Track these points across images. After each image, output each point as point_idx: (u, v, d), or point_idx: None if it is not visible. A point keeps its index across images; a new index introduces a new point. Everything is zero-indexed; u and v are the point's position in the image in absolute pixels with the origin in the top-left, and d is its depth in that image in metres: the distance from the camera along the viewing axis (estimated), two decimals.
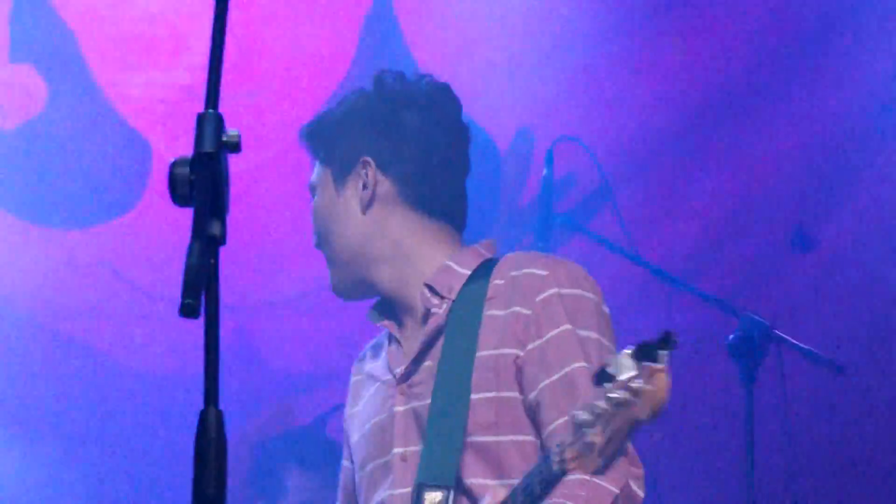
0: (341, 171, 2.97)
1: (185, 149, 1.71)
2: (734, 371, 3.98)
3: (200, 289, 1.64)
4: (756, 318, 3.95)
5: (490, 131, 5.35)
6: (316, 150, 3.04)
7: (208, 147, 1.69)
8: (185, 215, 1.67)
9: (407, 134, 2.95)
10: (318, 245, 3.02)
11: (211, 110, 1.70)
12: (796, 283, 5.32)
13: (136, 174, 5.27)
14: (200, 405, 1.66)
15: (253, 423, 5.34)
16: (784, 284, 5.35)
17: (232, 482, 1.68)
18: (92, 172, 5.27)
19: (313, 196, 3.03)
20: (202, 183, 1.68)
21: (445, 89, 3.02)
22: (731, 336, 3.98)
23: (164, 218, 4.85)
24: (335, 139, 2.99)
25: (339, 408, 3.15)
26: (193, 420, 1.65)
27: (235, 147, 1.71)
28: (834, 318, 5.08)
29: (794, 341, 3.98)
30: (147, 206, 5.23)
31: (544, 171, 4.36)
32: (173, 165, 1.71)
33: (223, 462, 1.65)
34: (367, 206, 2.94)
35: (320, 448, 4.93)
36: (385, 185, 2.94)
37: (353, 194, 2.96)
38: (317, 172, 3.03)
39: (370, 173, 2.94)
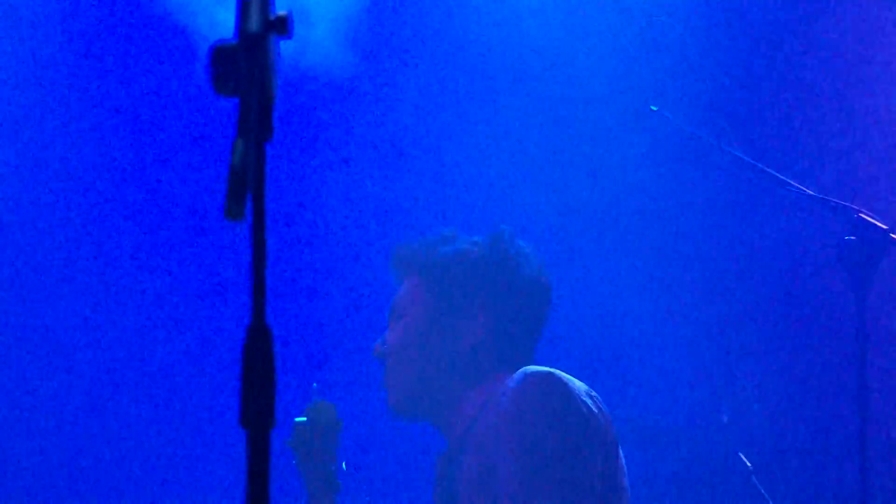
0: (449, 311, 3.30)
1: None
2: (846, 278, 3.84)
3: (245, 190, 1.54)
4: (872, 220, 3.80)
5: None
6: (414, 278, 3.35)
7: (253, 28, 1.56)
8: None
9: (513, 296, 3.29)
10: (380, 357, 3.35)
11: None
12: None
13: None
14: None
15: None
16: None
17: None
18: None
19: (400, 314, 3.34)
20: (247, 71, 1.56)
21: (539, 259, 3.35)
22: (842, 241, 3.82)
23: None
24: (449, 280, 3.31)
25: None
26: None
27: (284, 28, 1.59)
28: None
29: None
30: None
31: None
32: (214, 49, 1.59)
33: (272, 384, 1.56)
34: (459, 353, 3.27)
35: None
36: (481, 338, 3.27)
37: (452, 334, 3.28)
38: (414, 298, 3.34)
39: (478, 326, 3.28)
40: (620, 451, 3.14)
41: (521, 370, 3.13)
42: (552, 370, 3.10)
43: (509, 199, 5.63)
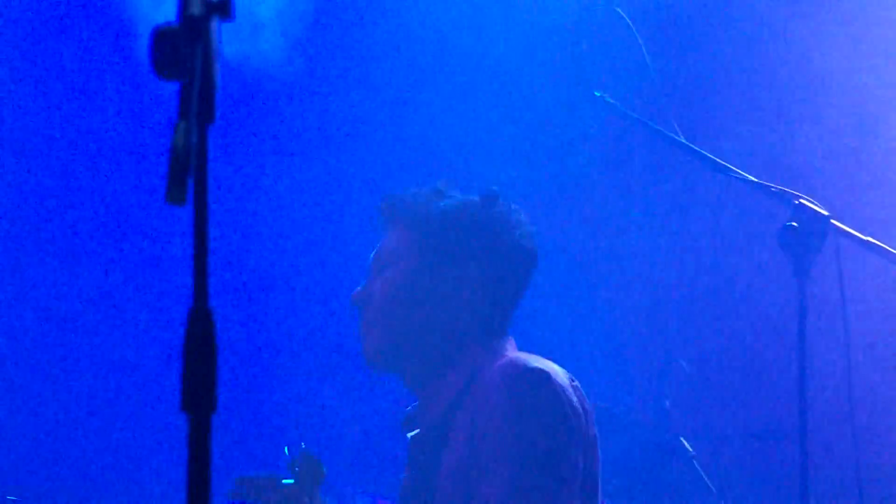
0: (438, 264, 3.24)
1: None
2: (787, 264, 3.86)
3: (187, 174, 1.54)
4: (813, 206, 3.82)
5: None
6: (402, 228, 3.29)
7: (196, 10, 1.56)
8: None
9: (502, 252, 3.25)
10: (364, 303, 3.29)
11: None
12: (858, 171, 5.21)
13: None
14: None
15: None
16: (845, 171, 5.24)
17: None
18: None
19: (386, 263, 3.28)
20: (189, 54, 1.56)
21: (528, 221, 3.31)
22: (783, 226, 3.84)
23: None
24: (441, 233, 3.25)
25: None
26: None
27: (226, 11, 1.58)
28: None
29: (855, 232, 3.85)
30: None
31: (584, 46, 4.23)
32: (156, 33, 1.59)
33: (213, 368, 1.56)
34: (449, 304, 3.23)
35: None
36: (468, 292, 3.23)
37: (440, 287, 3.23)
38: (403, 247, 3.28)
39: (465, 284, 3.22)
40: (597, 444, 3.14)
41: (508, 359, 3.11)
42: (540, 365, 3.08)
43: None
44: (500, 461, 2.97)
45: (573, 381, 3.12)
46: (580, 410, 3.07)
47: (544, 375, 3.04)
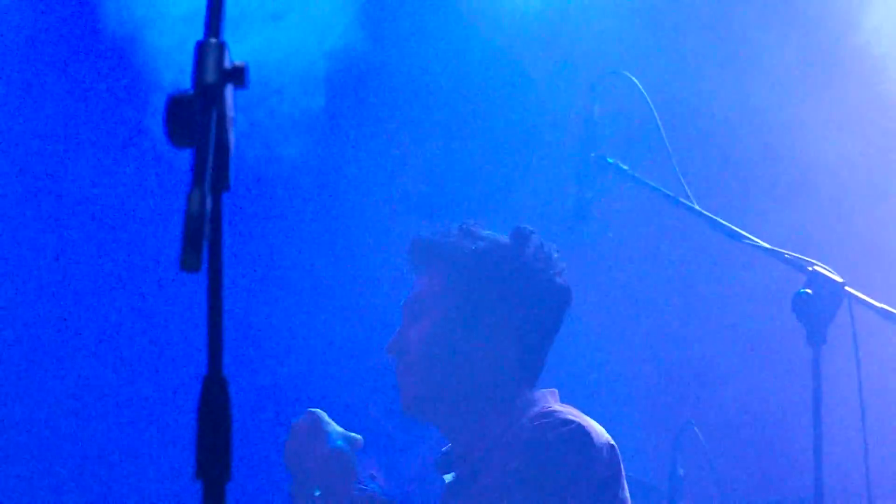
0: (471, 311, 3.15)
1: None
2: (801, 331, 3.85)
3: (202, 241, 1.54)
4: (826, 273, 3.82)
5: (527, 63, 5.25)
6: (441, 270, 3.20)
7: (210, 79, 1.57)
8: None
9: (534, 297, 3.17)
10: (395, 353, 3.21)
11: (213, 38, 1.58)
12: (871, 236, 5.20)
13: None
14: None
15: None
16: (858, 236, 5.23)
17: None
18: None
19: (420, 310, 3.19)
20: (203, 121, 1.56)
21: (562, 263, 3.22)
22: (797, 293, 3.83)
23: None
24: (472, 280, 3.16)
25: None
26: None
27: (241, 79, 1.59)
28: None
29: (869, 299, 3.84)
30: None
31: (591, 109, 4.23)
32: (170, 100, 1.59)
33: (228, 436, 1.55)
34: (483, 352, 3.14)
35: None
36: (501, 339, 3.14)
37: (473, 335, 3.14)
38: (436, 293, 3.19)
39: (505, 330, 3.14)
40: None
41: (545, 410, 3.03)
42: (576, 419, 3.00)
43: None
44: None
45: (611, 441, 3.04)
46: (613, 471, 3.00)
47: (579, 430, 2.97)
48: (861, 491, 3.67)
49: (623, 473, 3.05)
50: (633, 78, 4.25)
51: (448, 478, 3.20)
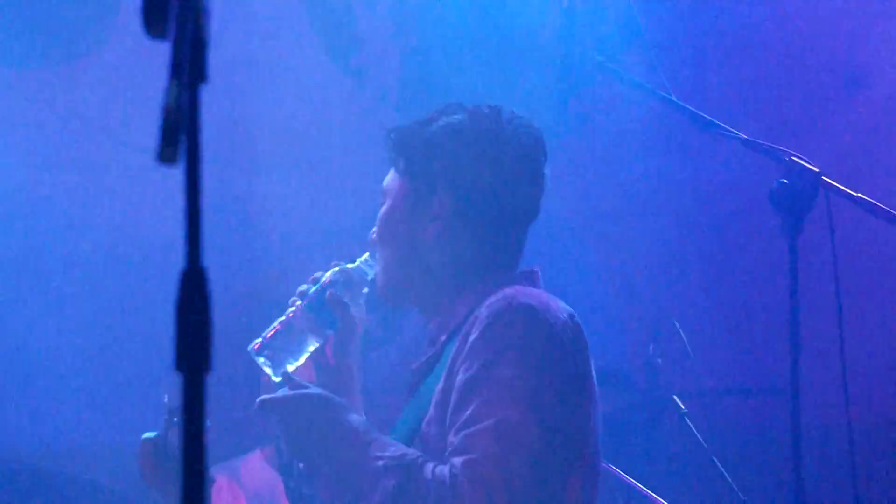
0: (421, 193, 3.12)
1: None
2: (777, 223, 3.85)
3: (179, 132, 1.53)
4: (803, 163, 3.81)
5: None
6: (396, 161, 3.18)
7: None
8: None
9: (491, 175, 3.07)
10: (375, 244, 3.21)
11: None
12: (849, 127, 5.20)
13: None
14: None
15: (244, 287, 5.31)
16: (835, 128, 5.23)
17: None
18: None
19: (384, 199, 3.19)
20: (180, 11, 1.55)
21: (538, 139, 3.14)
22: (774, 184, 3.83)
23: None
24: (422, 160, 3.12)
25: None
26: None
27: None
28: (892, 165, 4.97)
29: (847, 189, 3.84)
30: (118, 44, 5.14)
31: (565, 2, 4.20)
32: None
33: (207, 328, 1.55)
34: (436, 234, 3.10)
35: None
36: (454, 220, 3.10)
37: (425, 217, 3.11)
38: (394, 181, 3.18)
39: (445, 207, 3.09)
40: (592, 384, 3.00)
41: (503, 293, 2.96)
42: (532, 301, 2.93)
43: None
44: (472, 397, 2.86)
45: (573, 317, 2.98)
46: (574, 349, 2.94)
47: (529, 306, 2.91)
48: (837, 378, 3.70)
49: (587, 347, 3.00)
50: None
51: (413, 366, 3.19)
